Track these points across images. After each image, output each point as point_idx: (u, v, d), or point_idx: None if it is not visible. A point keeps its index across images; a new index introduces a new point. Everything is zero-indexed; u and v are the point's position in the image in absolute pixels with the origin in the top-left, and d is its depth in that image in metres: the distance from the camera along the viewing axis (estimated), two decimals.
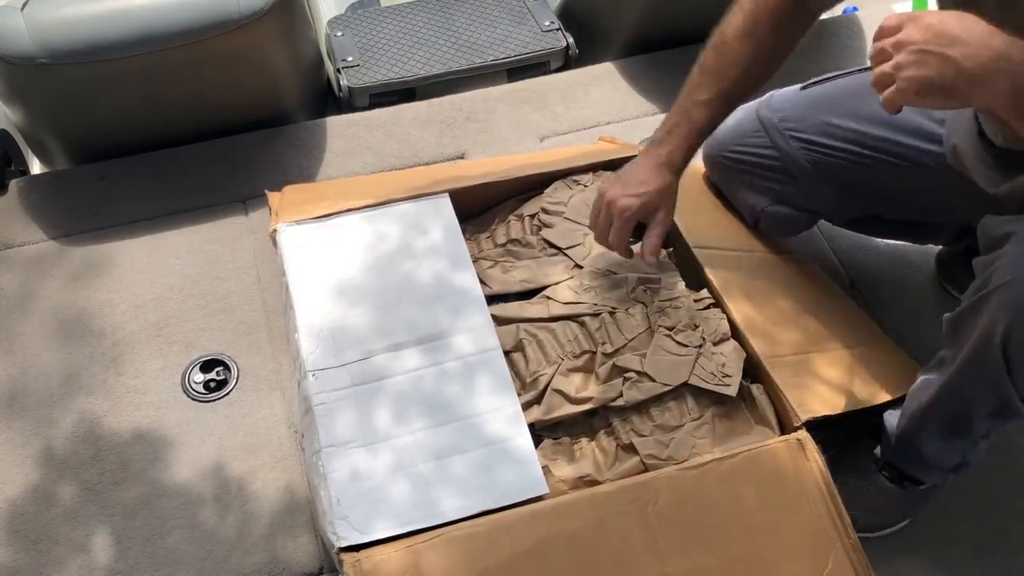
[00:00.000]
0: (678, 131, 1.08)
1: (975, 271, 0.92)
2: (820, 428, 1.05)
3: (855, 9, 2.01)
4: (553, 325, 1.15)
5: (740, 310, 1.15)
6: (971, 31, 0.77)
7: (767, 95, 1.25)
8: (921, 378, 1.04)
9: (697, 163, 1.26)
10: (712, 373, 1.10)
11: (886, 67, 0.80)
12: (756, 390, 1.10)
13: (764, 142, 1.23)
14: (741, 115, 1.26)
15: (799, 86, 1.23)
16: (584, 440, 1.10)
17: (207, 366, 1.30)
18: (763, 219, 1.27)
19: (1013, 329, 0.86)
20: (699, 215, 1.31)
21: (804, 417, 1.04)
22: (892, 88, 0.80)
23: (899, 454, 1.10)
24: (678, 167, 1.09)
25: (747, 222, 1.31)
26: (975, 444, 1.04)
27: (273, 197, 1.28)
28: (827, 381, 1.17)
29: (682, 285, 1.19)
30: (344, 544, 0.92)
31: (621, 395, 1.08)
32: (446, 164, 1.37)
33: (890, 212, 1.24)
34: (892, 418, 1.10)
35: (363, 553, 0.93)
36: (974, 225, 1.12)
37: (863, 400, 1.12)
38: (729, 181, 1.31)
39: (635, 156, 1.15)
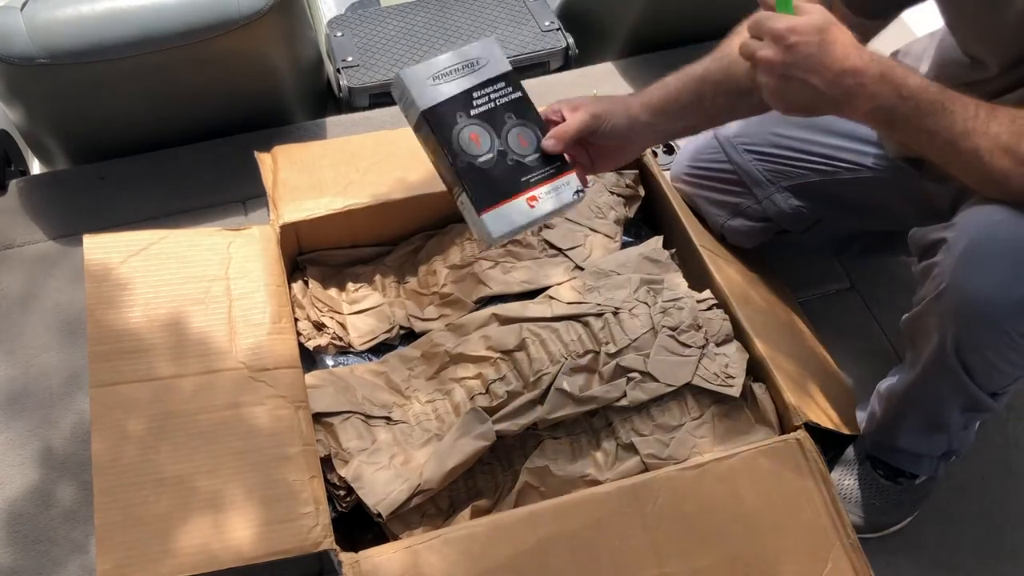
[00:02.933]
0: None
1: (916, 278, 0.96)
2: (818, 430, 1.05)
3: None
4: (556, 325, 1.15)
5: (743, 311, 1.15)
6: (831, 53, 0.81)
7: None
8: (889, 379, 1.08)
9: None
10: (715, 374, 1.10)
11: (756, 78, 0.85)
12: (759, 389, 1.10)
13: (720, 157, 1.29)
14: (698, 137, 1.34)
15: None
16: (584, 440, 1.10)
17: None
18: (726, 232, 1.32)
19: (961, 335, 0.90)
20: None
21: (805, 418, 1.04)
22: (764, 95, 0.86)
23: (885, 451, 1.12)
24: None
25: (715, 235, 1.34)
26: (957, 434, 1.07)
27: (264, 164, 1.28)
28: (827, 389, 1.17)
29: (685, 286, 1.19)
30: None
31: (625, 395, 1.08)
32: None
33: (840, 217, 1.27)
34: (863, 418, 1.14)
35: (362, 554, 0.93)
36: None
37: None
38: (694, 198, 1.35)
39: None
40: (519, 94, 0.95)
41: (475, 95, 0.93)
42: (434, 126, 0.90)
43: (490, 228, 0.88)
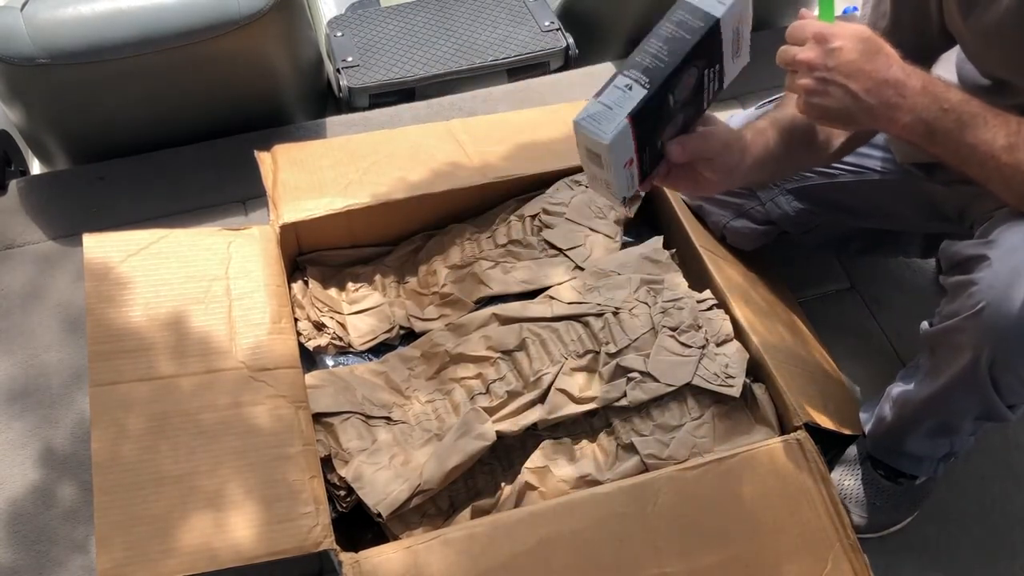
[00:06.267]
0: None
1: (944, 288, 0.95)
2: (818, 430, 1.05)
3: (855, 9, 2.01)
4: (556, 325, 1.15)
5: (743, 311, 1.15)
6: (873, 61, 0.81)
7: (727, 118, 1.27)
8: (902, 385, 1.07)
9: None
10: (715, 374, 1.10)
11: (794, 84, 0.84)
12: (758, 389, 1.10)
13: None
14: None
15: (755, 106, 1.28)
16: (585, 440, 1.10)
17: None
18: (727, 233, 1.31)
19: (997, 354, 0.90)
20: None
21: (805, 418, 1.04)
22: (800, 103, 0.85)
23: (888, 453, 1.12)
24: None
25: (715, 235, 1.33)
26: (962, 439, 1.08)
27: (264, 164, 1.28)
28: (827, 389, 1.17)
29: (685, 286, 1.19)
30: None
31: (624, 395, 1.08)
32: (443, 132, 1.36)
33: (844, 220, 1.27)
34: (869, 419, 1.13)
35: (362, 554, 0.93)
36: (929, 232, 1.16)
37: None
38: (696, 198, 1.34)
39: None
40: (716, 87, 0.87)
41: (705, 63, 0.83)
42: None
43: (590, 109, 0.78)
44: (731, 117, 1.31)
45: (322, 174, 1.28)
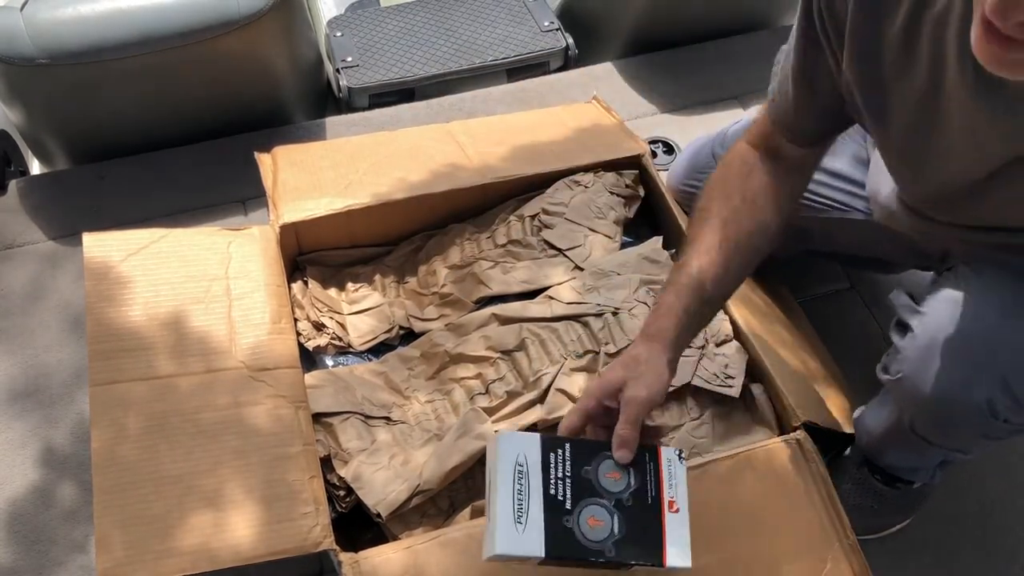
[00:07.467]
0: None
1: (891, 332, 0.96)
2: (817, 430, 1.05)
3: None
4: (556, 325, 1.15)
5: (742, 311, 1.15)
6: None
7: (721, 132, 1.28)
8: (867, 413, 1.09)
9: None
10: (715, 374, 1.10)
11: None
12: (756, 389, 1.10)
13: None
14: (696, 150, 1.30)
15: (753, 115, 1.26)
16: None
17: None
18: None
19: (915, 418, 0.94)
20: None
21: (804, 418, 1.04)
22: None
23: (879, 460, 1.12)
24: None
25: None
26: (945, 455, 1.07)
27: (264, 165, 1.28)
28: (826, 390, 1.17)
29: None
30: None
31: None
32: (443, 134, 1.36)
33: (827, 248, 1.26)
34: (859, 427, 1.13)
35: (362, 554, 0.93)
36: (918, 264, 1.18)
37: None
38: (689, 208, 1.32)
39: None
40: (566, 445, 0.86)
41: (552, 492, 0.85)
42: (563, 555, 0.84)
43: (682, 564, 0.85)
44: (735, 123, 1.30)
45: (322, 174, 1.28)
